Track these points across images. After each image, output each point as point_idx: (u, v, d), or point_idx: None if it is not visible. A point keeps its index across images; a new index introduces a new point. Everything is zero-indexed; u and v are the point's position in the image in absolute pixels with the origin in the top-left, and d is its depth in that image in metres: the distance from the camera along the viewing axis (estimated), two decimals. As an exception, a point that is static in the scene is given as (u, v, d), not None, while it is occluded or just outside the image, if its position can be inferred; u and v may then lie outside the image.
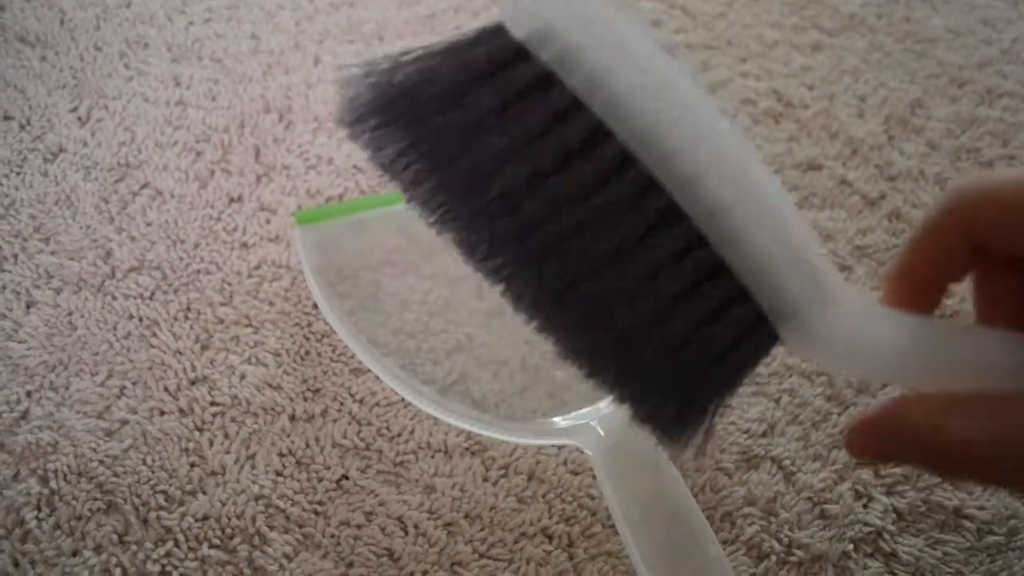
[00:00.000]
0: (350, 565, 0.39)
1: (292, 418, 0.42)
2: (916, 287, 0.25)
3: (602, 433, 0.38)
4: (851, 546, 0.41)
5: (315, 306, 0.44)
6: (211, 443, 0.41)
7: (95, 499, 0.39)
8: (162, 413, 0.41)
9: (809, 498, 0.42)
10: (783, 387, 0.45)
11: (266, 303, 0.44)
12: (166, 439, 0.40)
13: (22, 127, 0.48)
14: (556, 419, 0.42)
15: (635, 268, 0.25)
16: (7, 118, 0.48)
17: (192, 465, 0.40)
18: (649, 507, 0.36)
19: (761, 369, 0.45)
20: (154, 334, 0.43)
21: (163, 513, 0.39)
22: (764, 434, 0.44)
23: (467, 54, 0.25)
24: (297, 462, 0.41)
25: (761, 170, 0.24)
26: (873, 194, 0.53)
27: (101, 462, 0.39)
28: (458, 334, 0.44)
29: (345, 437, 0.41)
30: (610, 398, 0.41)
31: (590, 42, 0.24)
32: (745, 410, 0.44)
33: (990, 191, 0.23)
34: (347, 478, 0.41)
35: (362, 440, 0.41)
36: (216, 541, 0.38)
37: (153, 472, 0.40)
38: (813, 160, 0.54)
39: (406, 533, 0.40)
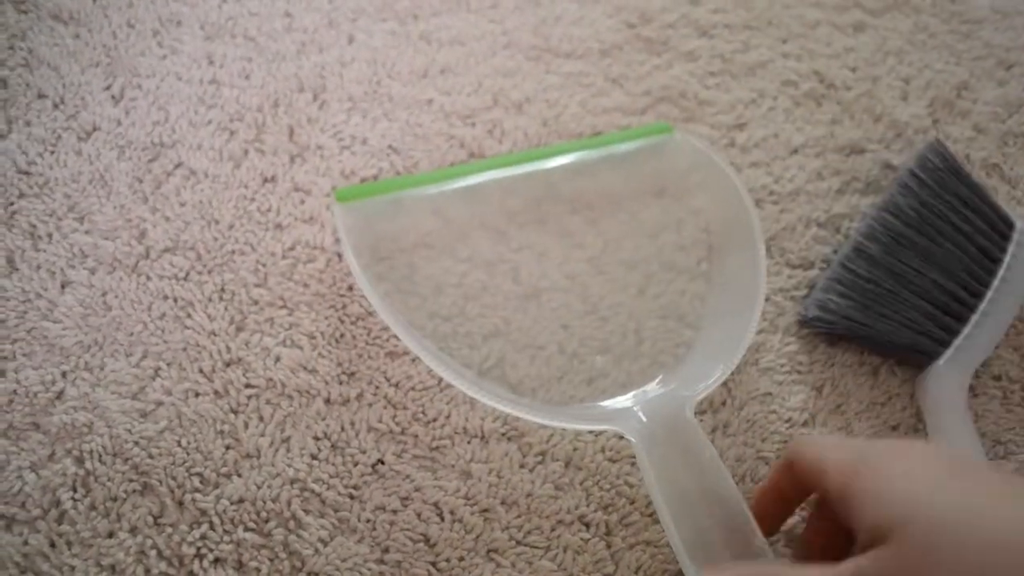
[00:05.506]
0: (386, 550, 0.38)
1: (327, 401, 0.41)
2: (765, 515, 0.36)
3: (644, 419, 0.38)
4: (895, 539, 0.40)
5: (350, 288, 0.44)
6: (246, 425, 0.40)
7: (130, 480, 0.39)
8: (197, 395, 0.41)
9: (852, 489, 0.41)
10: (825, 376, 0.44)
11: (301, 285, 0.44)
12: (201, 421, 0.40)
13: (56, 105, 0.48)
14: (598, 403, 0.41)
15: None
16: (41, 96, 0.48)
17: (227, 447, 0.40)
18: (691, 495, 0.35)
19: (803, 357, 0.44)
20: (189, 315, 0.43)
21: (198, 495, 0.39)
22: (806, 423, 0.43)
23: None
24: (332, 446, 0.40)
25: None
26: (918, 179, 0.51)
27: (136, 443, 0.39)
28: (494, 318, 0.44)
29: (380, 421, 0.41)
30: (655, 382, 0.41)
31: None
32: (786, 398, 0.43)
33: (804, 451, 0.33)
34: (382, 462, 0.40)
35: (397, 424, 0.41)
36: (251, 524, 0.38)
37: (188, 454, 0.39)
38: (856, 144, 0.53)
39: (442, 519, 0.39)
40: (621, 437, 0.41)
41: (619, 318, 0.45)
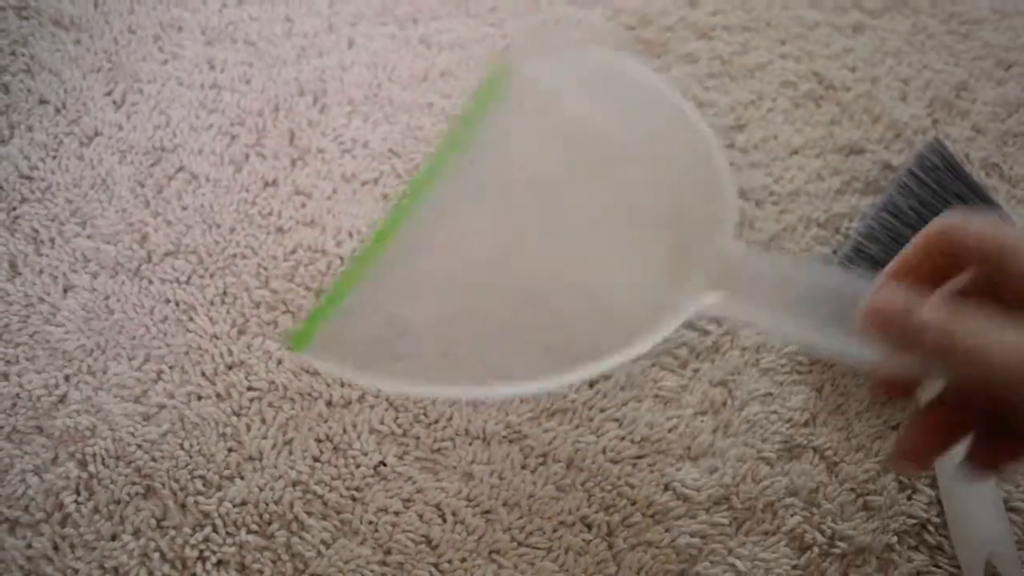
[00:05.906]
0: (388, 552, 0.38)
1: (329, 404, 0.41)
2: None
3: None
4: (895, 538, 0.40)
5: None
6: (248, 428, 0.40)
7: (133, 483, 0.39)
8: (199, 398, 0.41)
9: (852, 489, 0.41)
10: (825, 376, 0.44)
11: (302, 287, 0.44)
12: (204, 424, 0.40)
13: (58, 111, 0.48)
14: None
15: None
16: (43, 102, 0.48)
17: (230, 450, 0.40)
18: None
19: (803, 357, 0.44)
20: (191, 318, 0.43)
21: (201, 498, 0.39)
22: (806, 423, 0.43)
23: None
24: (334, 448, 0.40)
25: None
26: (917, 179, 0.51)
27: (139, 446, 0.39)
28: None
29: (382, 423, 0.41)
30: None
31: None
32: (787, 399, 0.44)
33: (958, 228, 0.32)
34: (384, 464, 0.40)
35: (399, 426, 0.41)
36: (254, 527, 0.38)
37: (191, 457, 0.40)
38: (855, 144, 0.53)
39: (444, 520, 0.39)
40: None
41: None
